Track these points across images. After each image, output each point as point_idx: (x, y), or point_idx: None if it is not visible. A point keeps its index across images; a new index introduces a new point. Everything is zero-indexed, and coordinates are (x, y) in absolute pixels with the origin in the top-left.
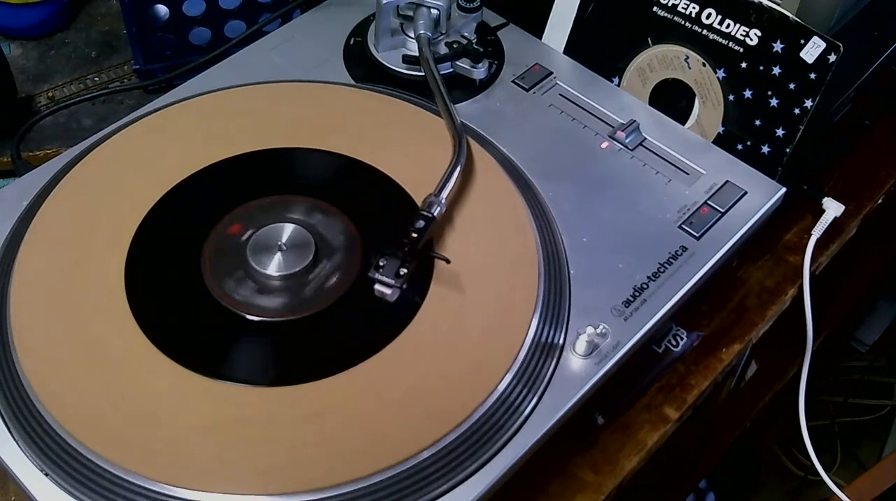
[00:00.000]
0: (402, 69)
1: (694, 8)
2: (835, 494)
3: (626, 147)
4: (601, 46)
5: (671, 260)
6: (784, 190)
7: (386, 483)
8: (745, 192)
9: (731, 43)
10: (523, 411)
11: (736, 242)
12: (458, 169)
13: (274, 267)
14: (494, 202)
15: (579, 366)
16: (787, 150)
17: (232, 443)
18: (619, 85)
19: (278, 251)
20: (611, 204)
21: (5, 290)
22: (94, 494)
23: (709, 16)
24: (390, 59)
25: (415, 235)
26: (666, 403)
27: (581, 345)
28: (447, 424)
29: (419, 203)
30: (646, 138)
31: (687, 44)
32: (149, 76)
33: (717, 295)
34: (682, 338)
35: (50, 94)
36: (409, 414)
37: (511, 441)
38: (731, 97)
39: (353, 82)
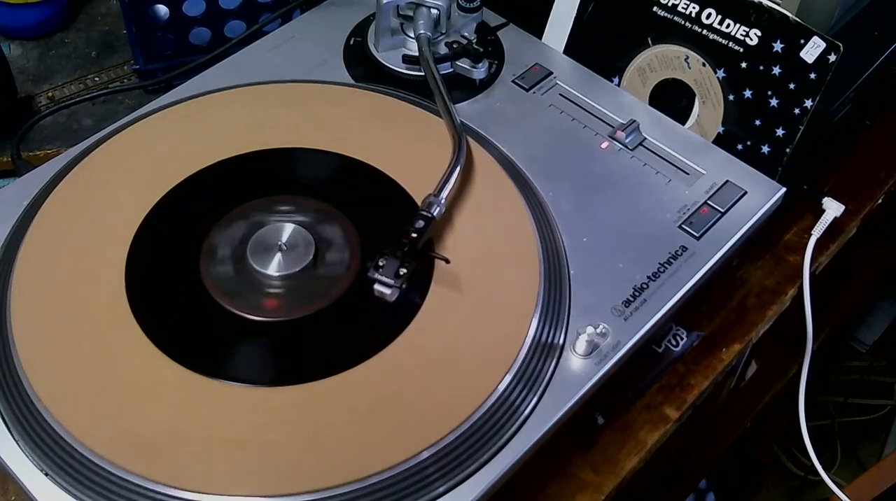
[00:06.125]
0: (402, 69)
1: (694, 8)
2: (835, 494)
3: (626, 147)
4: (601, 46)
5: (671, 260)
6: (784, 190)
7: (386, 483)
8: (745, 192)
9: (731, 43)
10: (523, 411)
11: (736, 242)
12: (458, 169)
13: (274, 267)
14: (494, 202)
15: (579, 366)
16: (787, 150)
17: (232, 443)
18: (619, 85)
19: (278, 251)
20: (611, 204)
21: (5, 290)
22: (94, 494)
23: (709, 16)
24: (390, 59)
25: (414, 235)
26: (666, 403)
27: (581, 345)
28: (447, 424)
29: (419, 203)
30: (646, 138)
31: (687, 44)
32: (149, 76)
33: (717, 295)
34: (682, 338)
35: (50, 94)
36: (409, 414)
37: (511, 441)
38: (731, 97)
39: (353, 82)
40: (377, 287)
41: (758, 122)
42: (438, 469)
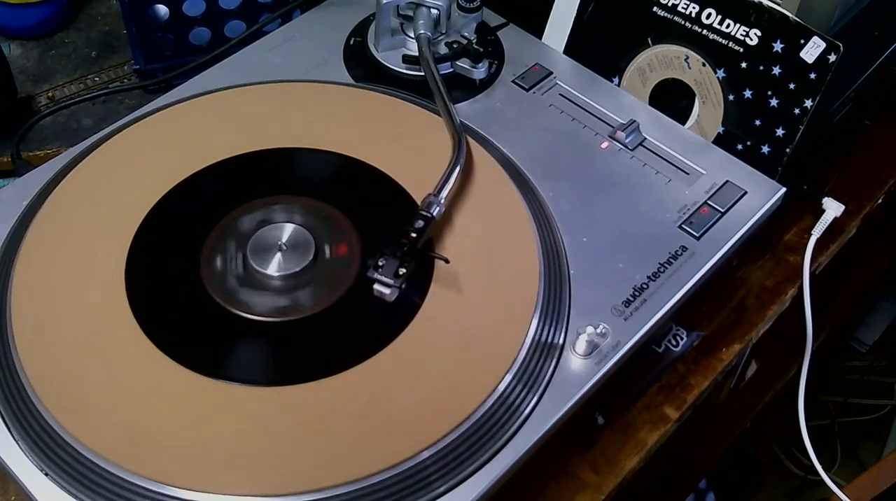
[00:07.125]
0: (402, 69)
1: (694, 8)
2: (835, 494)
3: (626, 147)
4: (601, 46)
5: (671, 260)
6: (784, 190)
7: (386, 483)
8: (745, 192)
9: (731, 43)
10: (523, 411)
11: (736, 242)
12: (458, 169)
13: (274, 267)
14: (494, 202)
15: (579, 366)
16: (787, 150)
17: (232, 443)
18: (619, 85)
19: (278, 251)
20: (611, 204)
21: (5, 290)
22: (94, 494)
23: (709, 16)
24: (390, 59)
25: (413, 235)
26: (666, 403)
27: (581, 345)
28: (447, 424)
29: (419, 203)
30: (646, 138)
31: (687, 44)
32: (149, 76)
33: (717, 295)
34: (682, 338)
35: (50, 94)
36: (409, 413)
37: (511, 441)
38: (731, 97)
39: (353, 82)
40: (376, 287)
41: (758, 122)
42: (438, 469)
